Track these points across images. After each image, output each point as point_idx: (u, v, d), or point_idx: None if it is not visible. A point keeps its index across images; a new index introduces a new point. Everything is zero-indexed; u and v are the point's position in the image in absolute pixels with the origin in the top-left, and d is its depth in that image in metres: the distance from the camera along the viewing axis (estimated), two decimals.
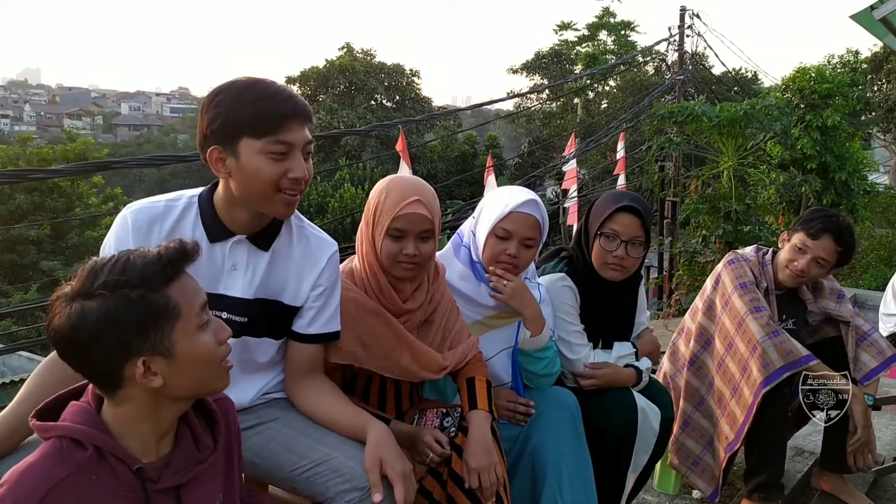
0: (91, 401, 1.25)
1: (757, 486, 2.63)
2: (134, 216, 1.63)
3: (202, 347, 1.23)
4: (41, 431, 1.21)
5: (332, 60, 31.37)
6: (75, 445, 1.18)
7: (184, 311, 1.20)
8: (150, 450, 1.25)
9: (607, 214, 2.23)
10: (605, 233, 2.23)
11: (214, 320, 1.28)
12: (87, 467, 1.17)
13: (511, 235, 2.06)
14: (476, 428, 1.86)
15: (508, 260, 2.07)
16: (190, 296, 1.22)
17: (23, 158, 24.19)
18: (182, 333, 1.20)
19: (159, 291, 1.18)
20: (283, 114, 1.57)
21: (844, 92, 12.02)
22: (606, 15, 32.45)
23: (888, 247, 15.66)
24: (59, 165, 19.82)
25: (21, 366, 14.18)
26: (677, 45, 16.14)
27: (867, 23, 4.73)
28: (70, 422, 1.20)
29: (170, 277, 1.20)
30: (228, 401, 1.46)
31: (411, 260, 1.84)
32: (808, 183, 10.67)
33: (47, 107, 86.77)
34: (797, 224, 2.73)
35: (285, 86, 1.64)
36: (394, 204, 1.83)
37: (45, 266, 22.18)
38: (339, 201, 22.49)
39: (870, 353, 2.70)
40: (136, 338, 1.16)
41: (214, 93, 1.59)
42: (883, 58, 21.09)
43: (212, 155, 1.59)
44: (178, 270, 1.22)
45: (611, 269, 2.26)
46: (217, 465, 1.35)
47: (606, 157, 22.09)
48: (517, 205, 2.05)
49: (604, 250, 2.24)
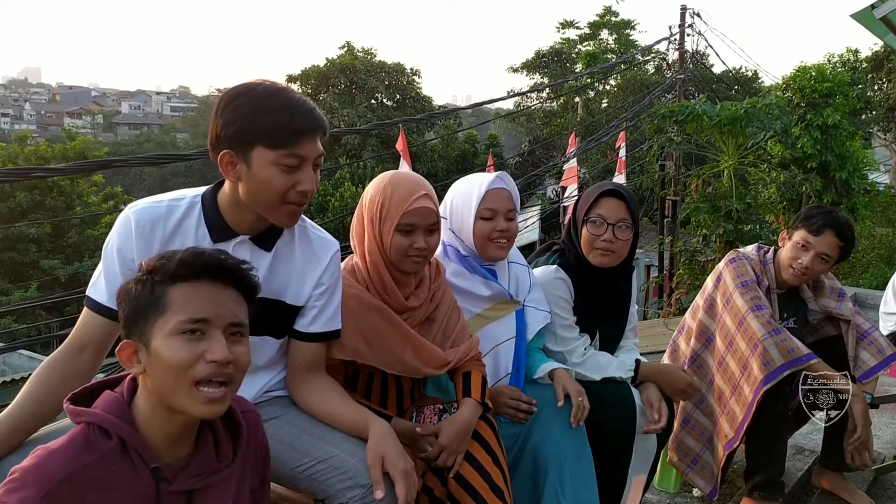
0: (125, 392, 1.28)
1: (757, 484, 2.63)
2: (137, 216, 1.62)
3: (171, 353, 1.23)
4: (73, 415, 1.26)
5: (332, 59, 31.32)
6: (102, 434, 1.23)
7: (170, 311, 1.24)
8: (169, 449, 1.27)
9: (592, 200, 2.29)
10: (591, 219, 2.28)
11: (214, 343, 1.25)
12: (109, 457, 1.21)
13: (495, 213, 2.15)
14: (462, 412, 1.89)
15: (500, 236, 2.15)
16: (191, 303, 1.25)
17: (21, 157, 24.18)
18: (159, 330, 1.24)
19: (162, 285, 1.26)
20: (300, 128, 1.57)
21: (845, 91, 12.01)
22: (608, 14, 32.45)
23: (888, 246, 15.67)
24: (59, 164, 19.82)
25: (21, 364, 14.21)
26: (678, 44, 16.13)
27: (868, 22, 4.73)
28: (101, 410, 1.25)
29: (179, 277, 1.25)
30: (256, 414, 1.47)
31: (421, 253, 1.88)
32: (808, 182, 10.66)
33: (48, 105, 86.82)
34: (797, 222, 2.73)
35: (305, 98, 1.64)
36: (402, 199, 1.86)
37: (46, 264, 22.19)
38: (340, 200, 22.51)
39: (870, 352, 2.71)
40: (132, 320, 1.26)
41: (232, 95, 1.58)
42: (883, 57, 21.07)
43: (223, 158, 1.58)
44: (192, 275, 1.27)
45: (600, 254, 2.29)
46: (233, 477, 1.36)
47: (607, 155, 22.09)
48: (490, 183, 2.17)
49: (592, 235, 2.28)
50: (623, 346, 2.47)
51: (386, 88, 31.66)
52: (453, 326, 2.04)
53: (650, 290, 15.70)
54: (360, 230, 1.95)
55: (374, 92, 31.25)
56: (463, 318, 2.10)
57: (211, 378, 1.24)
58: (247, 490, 1.41)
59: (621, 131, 14.72)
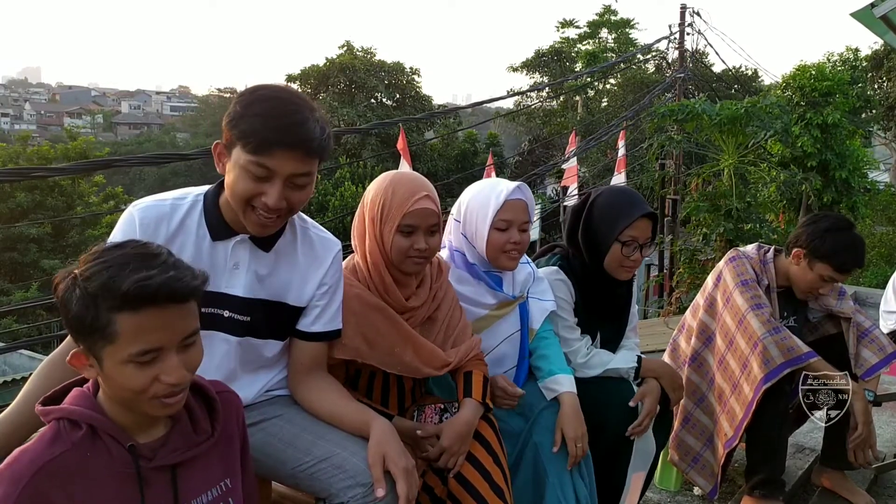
0: (91, 386, 1.29)
1: (758, 482, 2.63)
2: (141, 214, 1.63)
3: (125, 379, 1.20)
4: (42, 415, 1.26)
5: (332, 59, 31.34)
6: (71, 426, 1.24)
7: (119, 341, 1.17)
8: (142, 431, 1.28)
9: (629, 223, 2.23)
10: (625, 241, 2.25)
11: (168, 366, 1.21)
12: (81, 445, 1.22)
13: (510, 224, 2.12)
14: (463, 412, 1.89)
15: (514, 248, 2.13)
16: (142, 335, 1.17)
17: (23, 157, 24.18)
18: (110, 355, 1.19)
19: (108, 312, 1.16)
20: (277, 140, 1.51)
21: (845, 90, 12.03)
22: (607, 13, 32.44)
23: (889, 244, 15.69)
24: (59, 164, 19.80)
25: (22, 364, 14.21)
26: (678, 42, 16.13)
27: (867, 20, 4.72)
28: (68, 404, 1.26)
29: (125, 307, 1.15)
30: (234, 395, 1.47)
31: (422, 254, 1.87)
32: (808, 181, 10.68)
33: (47, 105, 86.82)
34: (819, 252, 2.62)
35: (302, 113, 1.55)
36: (403, 200, 1.85)
37: (46, 264, 22.16)
38: (340, 199, 22.52)
39: (871, 350, 2.71)
40: (78, 333, 1.20)
41: (243, 92, 1.60)
42: (883, 55, 21.07)
43: (215, 148, 1.62)
44: (140, 305, 1.16)
45: (626, 271, 2.32)
46: (215, 452, 1.37)
47: (607, 154, 22.10)
48: (509, 193, 2.12)
49: (623, 256, 2.27)
50: (624, 346, 2.47)
51: (386, 88, 31.66)
52: (455, 326, 2.04)
53: (650, 289, 15.72)
54: (360, 230, 1.95)
55: (374, 91, 31.25)
56: (465, 317, 2.10)
57: (168, 393, 1.22)
58: (237, 466, 1.42)
59: (621, 130, 14.71)
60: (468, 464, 1.84)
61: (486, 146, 30.80)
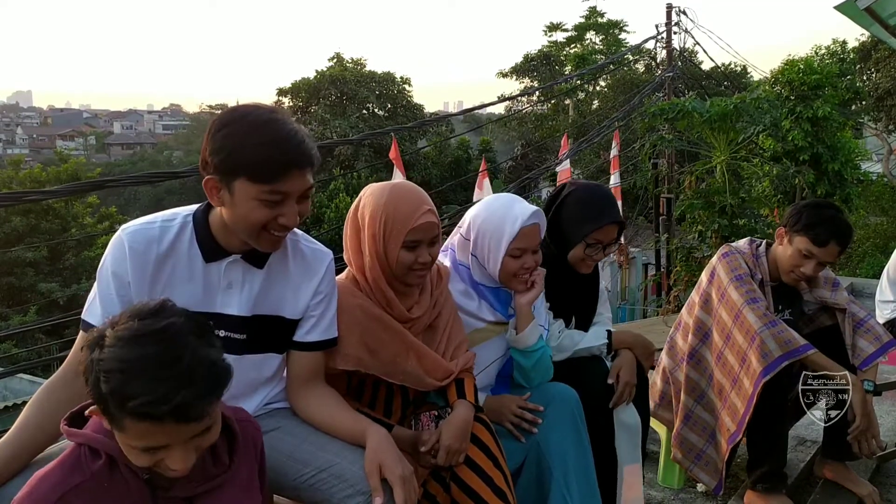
0: None
1: (760, 476, 2.64)
2: (130, 238, 1.61)
3: (132, 456, 1.23)
4: (68, 435, 1.29)
5: (322, 71, 31.40)
6: (92, 454, 1.27)
7: (127, 433, 1.19)
8: None
9: (596, 227, 2.30)
10: (590, 243, 2.32)
11: (175, 458, 1.22)
12: (99, 475, 1.25)
13: (524, 251, 2.13)
14: (458, 411, 1.90)
15: (525, 272, 2.15)
16: (146, 437, 1.19)
17: (16, 181, 24.16)
18: (118, 434, 1.21)
19: (117, 409, 1.16)
20: (285, 164, 1.53)
21: (834, 82, 12.08)
22: (594, 15, 32.56)
23: (883, 234, 15.73)
24: (52, 187, 19.77)
25: (22, 388, 14.16)
26: (665, 42, 16.18)
27: (852, 13, 4.72)
28: (91, 430, 1.28)
29: (134, 417, 1.16)
30: (254, 426, 1.48)
31: (425, 266, 1.89)
32: (801, 174, 10.70)
33: (39, 129, 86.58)
34: (798, 226, 2.67)
35: (297, 130, 1.57)
36: (407, 216, 1.85)
37: (43, 288, 22.13)
38: (335, 211, 22.54)
39: (867, 339, 2.72)
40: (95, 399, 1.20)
41: (224, 121, 1.55)
42: (871, 47, 21.16)
43: (208, 183, 1.57)
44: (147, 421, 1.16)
45: (587, 266, 2.40)
46: (233, 483, 1.37)
47: (600, 156, 22.13)
48: (524, 220, 2.11)
49: (586, 255, 2.34)
50: (596, 322, 2.51)
51: (377, 98, 31.72)
52: (455, 337, 2.05)
53: (648, 288, 15.73)
54: (355, 245, 1.94)
55: (366, 102, 31.32)
56: (463, 329, 2.11)
57: (174, 473, 1.24)
58: (250, 497, 1.42)
59: (614, 131, 14.75)
60: (468, 469, 1.84)
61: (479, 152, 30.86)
